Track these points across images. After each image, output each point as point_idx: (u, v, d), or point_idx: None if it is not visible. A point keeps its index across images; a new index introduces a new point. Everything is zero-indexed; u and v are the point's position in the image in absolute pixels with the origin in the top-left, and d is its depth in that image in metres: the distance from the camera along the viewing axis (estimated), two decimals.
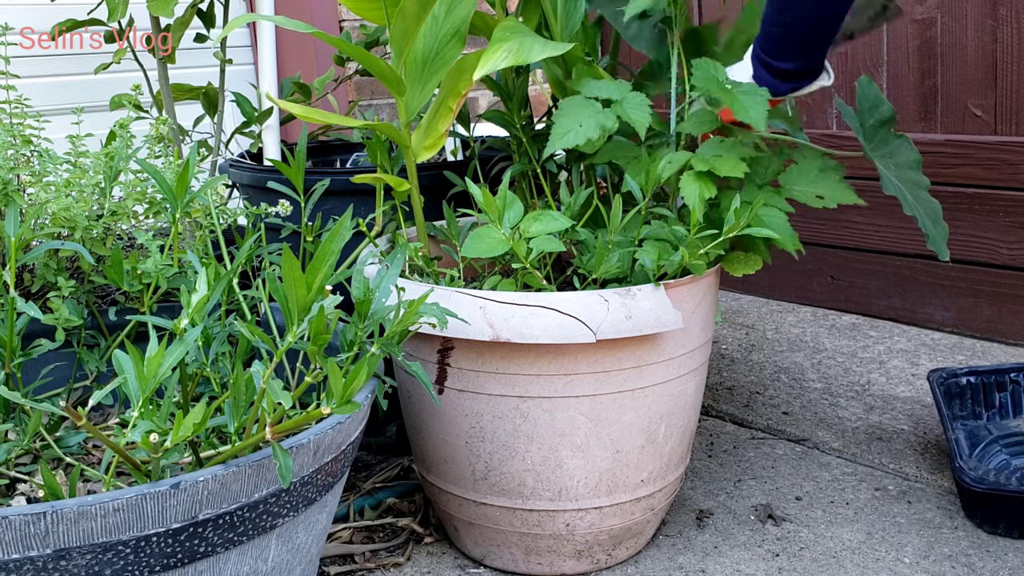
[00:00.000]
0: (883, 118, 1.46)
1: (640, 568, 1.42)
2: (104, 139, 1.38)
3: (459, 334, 1.24)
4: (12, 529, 0.82)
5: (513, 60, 1.31)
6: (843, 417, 1.84)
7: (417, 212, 1.46)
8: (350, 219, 1.05)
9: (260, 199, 1.65)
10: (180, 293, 1.02)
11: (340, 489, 1.11)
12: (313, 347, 0.94)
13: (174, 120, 1.80)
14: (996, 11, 2.03)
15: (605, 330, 1.21)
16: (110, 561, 0.86)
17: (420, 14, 1.33)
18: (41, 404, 1.02)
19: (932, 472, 1.63)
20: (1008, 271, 2.10)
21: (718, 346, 2.23)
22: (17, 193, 1.25)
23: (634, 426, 1.31)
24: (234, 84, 2.12)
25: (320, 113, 1.41)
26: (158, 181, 1.19)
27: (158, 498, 0.86)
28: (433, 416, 1.36)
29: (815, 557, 1.42)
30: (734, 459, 1.74)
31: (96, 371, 1.29)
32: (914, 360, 2.07)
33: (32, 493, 1.07)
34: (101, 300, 1.44)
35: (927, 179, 1.47)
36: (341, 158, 2.07)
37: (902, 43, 2.19)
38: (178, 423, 0.89)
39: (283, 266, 0.91)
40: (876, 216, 2.27)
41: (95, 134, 1.43)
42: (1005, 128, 2.06)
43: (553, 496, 1.32)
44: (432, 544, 1.50)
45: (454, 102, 1.45)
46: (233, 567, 0.95)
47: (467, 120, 1.71)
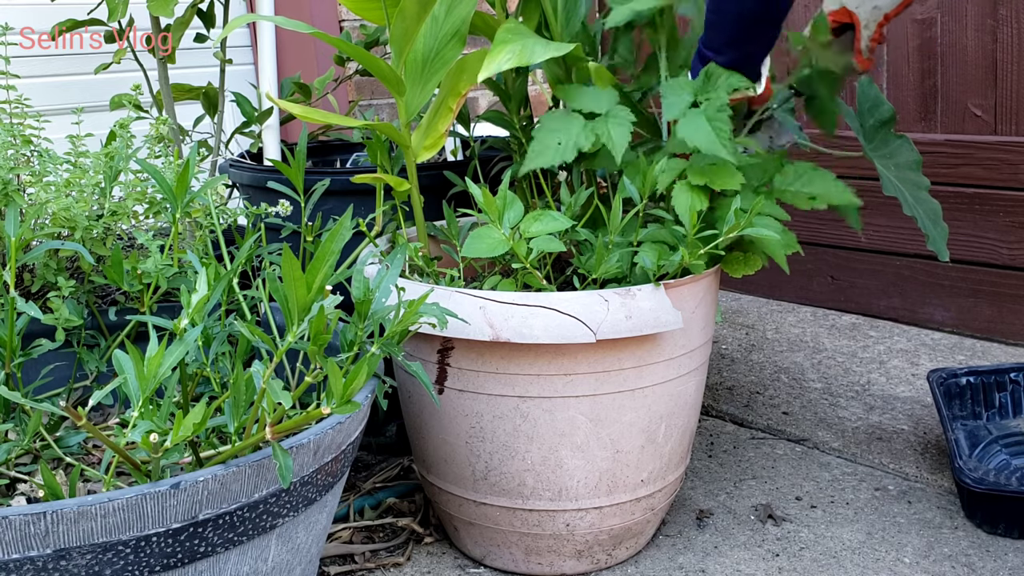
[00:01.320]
0: (883, 118, 1.46)
1: (640, 568, 1.42)
2: (104, 139, 1.38)
3: (459, 334, 1.24)
4: (12, 529, 0.82)
5: (516, 61, 1.31)
6: (843, 417, 1.84)
7: (417, 212, 1.46)
8: (350, 219, 1.05)
9: (260, 199, 1.65)
10: (180, 293, 1.02)
11: (340, 489, 1.11)
12: (313, 347, 0.94)
13: (174, 120, 1.80)
14: (996, 11, 2.03)
15: (605, 330, 1.21)
16: (110, 561, 0.86)
17: (420, 14, 1.33)
18: (41, 404, 1.02)
19: (932, 472, 1.63)
20: (1008, 271, 2.10)
21: (718, 346, 2.23)
22: (17, 193, 1.25)
23: (634, 426, 1.31)
24: (234, 84, 2.12)
25: (320, 113, 1.41)
26: (158, 181, 1.19)
27: (158, 498, 0.86)
28: (433, 416, 1.36)
29: (815, 557, 1.42)
30: (734, 459, 1.74)
31: (96, 371, 1.29)
32: (914, 360, 2.07)
33: (32, 493, 1.07)
34: (101, 300, 1.44)
35: (927, 179, 1.47)
36: (341, 158, 2.07)
37: (902, 43, 2.19)
38: (178, 423, 0.89)
39: (283, 266, 0.91)
40: (876, 216, 2.27)
41: (95, 134, 1.43)
42: (1005, 128, 2.06)
43: (553, 496, 1.32)
44: (432, 544, 1.50)
45: (454, 102, 1.45)
46: (233, 567, 0.95)
47: (467, 120, 1.71)
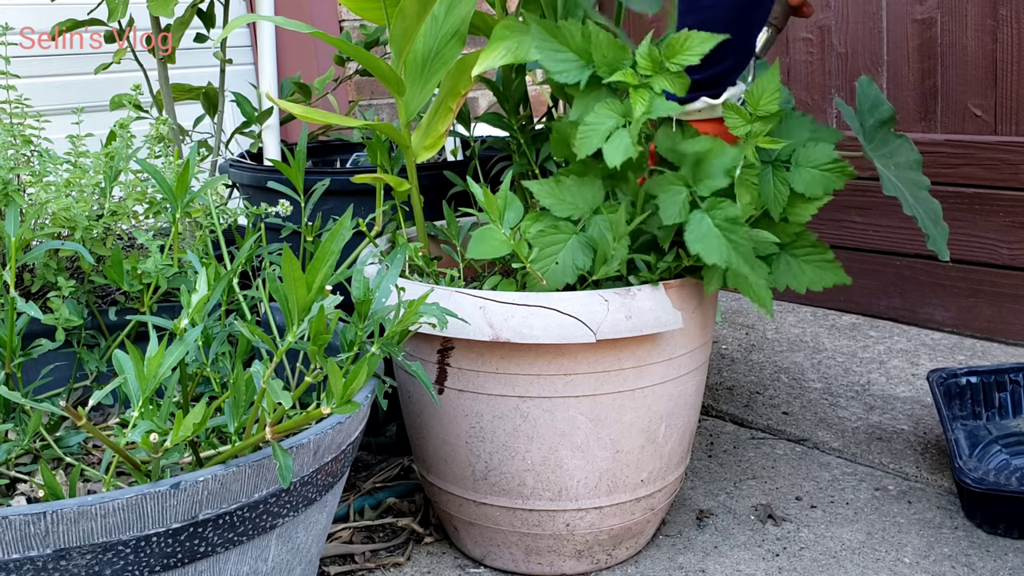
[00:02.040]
0: (883, 118, 1.46)
1: (640, 568, 1.42)
2: (104, 139, 1.38)
3: (459, 334, 1.24)
4: (12, 529, 0.82)
5: (512, 58, 1.31)
6: (843, 417, 1.84)
7: (417, 212, 1.46)
8: (350, 219, 1.05)
9: (260, 199, 1.65)
10: (180, 293, 1.02)
11: (340, 489, 1.11)
12: (313, 347, 0.94)
13: (174, 120, 1.80)
14: (996, 11, 2.03)
15: (605, 330, 1.21)
16: (110, 561, 0.86)
17: (420, 14, 1.33)
18: (41, 404, 1.02)
19: (932, 472, 1.63)
20: (1008, 271, 2.10)
21: (718, 346, 2.23)
22: (17, 193, 1.25)
23: (634, 426, 1.31)
24: (234, 84, 2.12)
25: (320, 113, 1.41)
26: (158, 181, 1.19)
27: (158, 498, 0.86)
28: (433, 416, 1.36)
29: (815, 557, 1.42)
30: (734, 459, 1.74)
31: (96, 371, 1.29)
32: (914, 360, 2.07)
33: (32, 493, 1.07)
34: (101, 300, 1.44)
35: (927, 179, 1.47)
36: (341, 158, 2.07)
37: (902, 43, 2.19)
38: (178, 423, 0.89)
39: (283, 266, 0.91)
40: (876, 216, 2.27)
41: (95, 134, 1.43)
42: (1005, 128, 2.06)
43: (553, 496, 1.32)
44: (432, 544, 1.50)
45: (454, 102, 1.45)
46: (233, 567, 0.95)
47: (467, 120, 1.71)
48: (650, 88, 1.22)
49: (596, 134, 1.22)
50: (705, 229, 1.21)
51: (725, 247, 1.20)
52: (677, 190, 1.24)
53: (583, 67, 1.27)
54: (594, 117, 1.23)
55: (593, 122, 1.22)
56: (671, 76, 1.22)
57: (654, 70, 1.23)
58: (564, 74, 1.27)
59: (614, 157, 1.19)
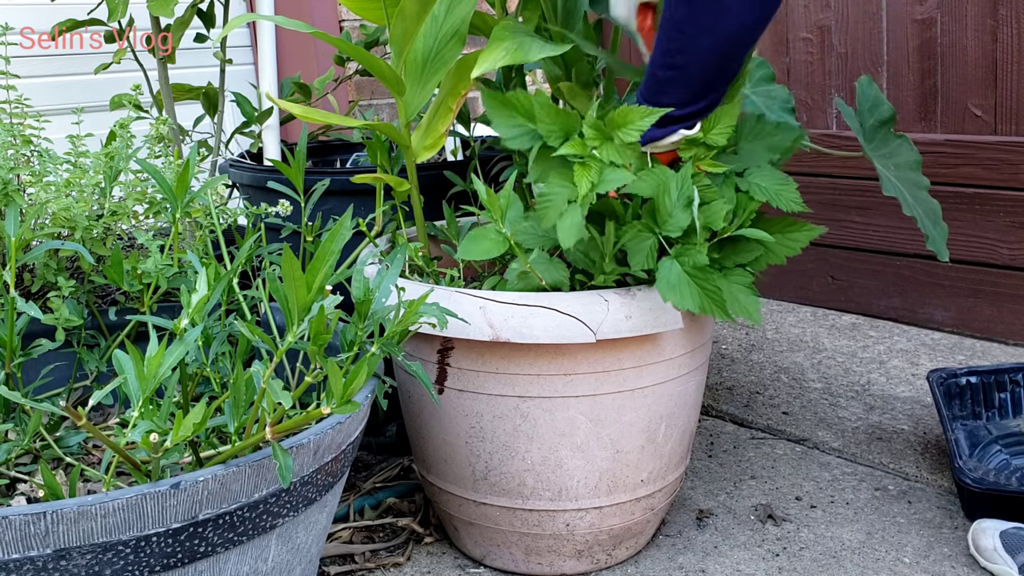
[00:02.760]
0: (883, 118, 1.46)
1: (640, 568, 1.42)
2: (104, 139, 1.38)
3: (459, 334, 1.24)
4: (12, 529, 0.82)
5: (511, 59, 1.31)
6: (843, 417, 1.84)
7: (417, 212, 1.46)
8: (350, 219, 1.05)
9: (260, 199, 1.65)
10: (180, 293, 1.02)
11: (340, 489, 1.11)
12: (313, 347, 0.94)
13: (174, 120, 1.80)
14: (996, 11, 2.03)
15: (605, 330, 1.21)
16: (110, 561, 0.86)
17: (420, 14, 1.33)
18: (41, 404, 1.02)
19: (932, 472, 1.63)
20: (1008, 271, 2.10)
21: (718, 346, 2.23)
22: (17, 193, 1.25)
23: (634, 426, 1.31)
24: (234, 84, 2.12)
25: (320, 113, 1.41)
26: (158, 181, 1.19)
27: (158, 498, 0.86)
28: (433, 416, 1.36)
29: (815, 557, 1.42)
30: (734, 459, 1.74)
31: (96, 371, 1.29)
32: (914, 360, 2.07)
33: (32, 493, 1.07)
34: (101, 300, 1.44)
35: (927, 179, 1.47)
36: (341, 158, 2.07)
37: (902, 43, 2.19)
38: (178, 423, 0.89)
39: (283, 266, 0.91)
40: (876, 216, 2.27)
41: (95, 134, 1.43)
42: (1005, 128, 2.06)
43: (553, 496, 1.32)
44: (432, 544, 1.50)
45: (454, 102, 1.45)
46: (233, 567, 0.95)
47: (467, 120, 1.71)
48: (598, 160, 1.22)
49: (553, 206, 1.22)
50: (675, 278, 1.20)
51: (697, 295, 1.19)
52: (644, 237, 1.23)
53: (535, 134, 1.28)
54: (548, 188, 1.23)
55: (548, 193, 1.22)
56: (618, 147, 1.23)
57: (601, 140, 1.23)
58: (515, 140, 1.30)
59: (567, 239, 1.19)
